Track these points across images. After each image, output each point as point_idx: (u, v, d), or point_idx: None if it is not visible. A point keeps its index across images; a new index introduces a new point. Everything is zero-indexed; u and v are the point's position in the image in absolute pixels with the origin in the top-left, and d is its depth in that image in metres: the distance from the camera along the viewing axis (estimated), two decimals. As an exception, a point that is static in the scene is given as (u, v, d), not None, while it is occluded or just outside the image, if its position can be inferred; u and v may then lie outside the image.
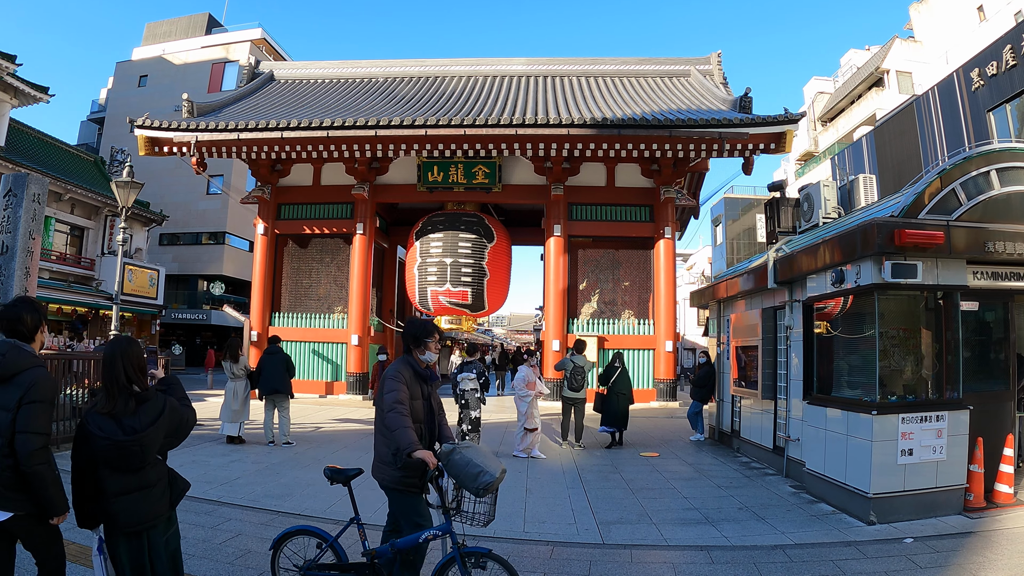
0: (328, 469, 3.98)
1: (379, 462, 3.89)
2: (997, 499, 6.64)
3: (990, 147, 6.77)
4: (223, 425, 10.28)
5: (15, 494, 2.92)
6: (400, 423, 3.66)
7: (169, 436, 3.13)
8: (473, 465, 3.57)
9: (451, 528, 3.63)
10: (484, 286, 17.38)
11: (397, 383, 3.82)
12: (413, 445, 3.58)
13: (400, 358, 4.05)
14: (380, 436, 3.90)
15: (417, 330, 4.05)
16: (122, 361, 3.02)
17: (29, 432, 2.89)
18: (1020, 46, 15.67)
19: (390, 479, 3.80)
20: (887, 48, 33.09)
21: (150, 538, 3.05)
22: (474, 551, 3.63)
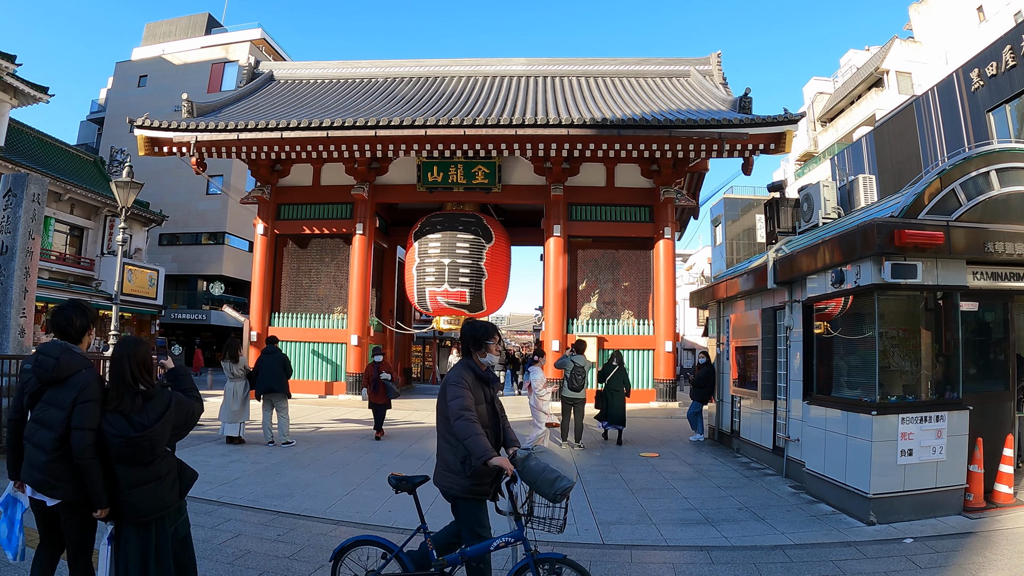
0: (393, 477, 3.81)
1: (444, 470, 3.76)
2: (997, 499, 6.65)
3: (990, 147, 6.77)
4: (223, 426, 10.28)
5: (63, 483, 3.19)
6: (471, 430, 3.55)
7: (177, 428, 3.33)
8: (550, 471, 3.54)
9: (524, 534, 3.56)
10: (482, 286, 17.37)
11: (461, 388, 3.70)
12: (488, 453, 3.48)
13: (460, 362, 3.94)
14: (445, 444, 3.79)
15: (478, 332, 3.94)
16: (128, 361, 3.19)
17: (84, 429, 3.13)
18: (1020, 46, 15.67)
19: (458, 487, 3.68)
20: (887, 48, 33.11)
21: (158, 527, 3.21)
22: (548, 557, 3.57)
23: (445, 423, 3.78)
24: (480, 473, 3.62)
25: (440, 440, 3.86)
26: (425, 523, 3.76)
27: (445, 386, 3.79)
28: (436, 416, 3.94)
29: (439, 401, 3.86)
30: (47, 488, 3.21)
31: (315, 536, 5.67)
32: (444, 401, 3.76)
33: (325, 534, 5.75)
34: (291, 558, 5.04)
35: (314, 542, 5.49)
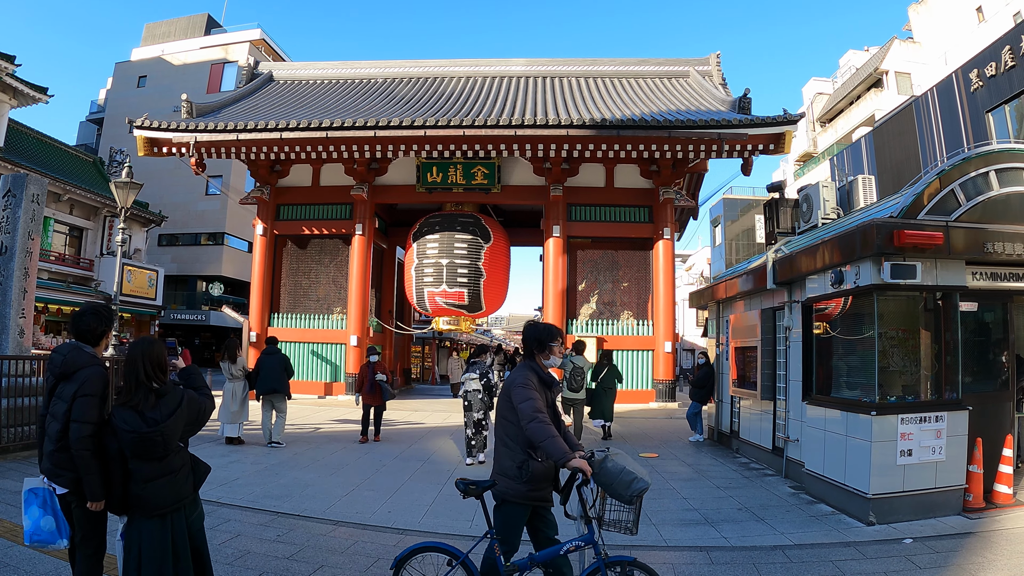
0: (460, 482, 3.68)
1: (501, 474, 3.70)
2: (996, 499, 6.65)
3: (989, 148, 6.77)
4: (222, 426, 10.27)
5: (65, 471, 3.40)
6: (547, 432, 3.47)
7: (189, 425, 3.46)
8: (627, 472, 3.52)
9: (595, 538, 3.53)
10: (481, 287, 17.36)
11: (529, 390, 3.62)
12: (567, 454, 3.42)
13: (523, 363, 3.86)
14: (503, 447, 3.73)
15: (542, 334, 3.86)
16: (142, 360, 3.31)
17: (81, 422, 3.32)
18: (1019, 47, 15.68)
19: (514, 492, 3.63)
20: (886, 49, 33.12)
21: (174, 520, 3.35)
22: (618, 560, 3.53)
23: (507, 426, 3.72)
24: (536, 478, 3.60)
25: (499, 444, 3.80)
26: (492, 528, 3.68)
27: (509, 389, 3.71)
28: (496, 419, 3.89)
29: (500, 405, 3.81)
30: (53, 476, 3.43)
31: (314, 537, 5.67)
32: (509, 404, 3.69)
33: (325, 535, 5.75)
34: (290, 559, 5.04)
35: (313, 542, 5.48)
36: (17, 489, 6.46)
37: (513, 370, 3.88)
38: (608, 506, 3.65)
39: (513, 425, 3.67)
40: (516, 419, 3.64)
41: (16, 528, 5.20)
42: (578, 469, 3.40)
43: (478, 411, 9.36)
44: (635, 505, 3.58)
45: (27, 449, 8.18)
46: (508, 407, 3.70)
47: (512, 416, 3.67)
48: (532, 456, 3.63)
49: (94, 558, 3.55)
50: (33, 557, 4.61)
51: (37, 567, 4.46)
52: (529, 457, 3.62)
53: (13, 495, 6.26)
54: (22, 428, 8.25)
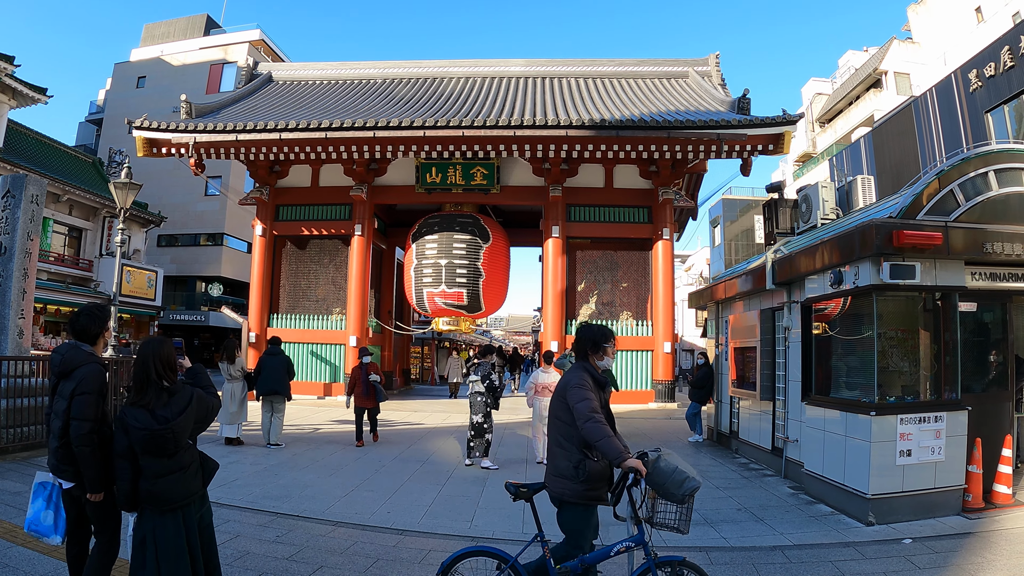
0: (511, 485, 3.69)
1: (556, 475, 3.70)
2: (996, 500, 6.65)
3: (988, 148, 6.78)
4: (221, 427, 10.26)
5: (68, 466, 3.55)
6: (603, 432, 3.48)
7: (198, 422, 3.54)
8: (679, 472, 3.53)
9: (645, 538, 3.54)
10: (480, 287, 17.35)
11: (585, 390, 3.63)
12: (623, 454, 3.44)
13: (577, 364, 3.88)
14: (558, 448, 3.73)
15: (596, 335, 3.88)
16: (153, 359, 3.39)
17: (79, 419, 3.47)
18: (1018, 47, 15.70)
19: (571, 492, 3.63)
20: (885, 49, 33.13)
21: (186, 514, 3.43)
22: (669, 560, 3.56)
23: (561, 427, 3.73)
24: (593, 478, 3.61)
25: (552, 445, 3.80)
26: (542, 531, 3.67)
27: (564, 390, 3.72)
28: (548, 420, 3.89)
29: (554, 406, 3.82)
30: (58, 471, 3.58)
31: (314, 537, 5.67)
32: (563, 405, 3.70)
33: (324, 535, 5.75)
34: (290, 559, 5.04)
35: (313, 543, 5.48)
36: (16, 490, 6.47)
37: (568, 372, 3.88)
38: (658, 506, 3.67)
39: (568, 425, 3.68)
40: (571, 419, 3.65)
41: (16, 529, 5.20)
42: (633, 469, 3.42)
43: (477, 414, 9.32)
44: (687, 504, 3.60)
45: (26, 450, 8.17)
46: (563, 408, 3.71)
47: (567, 416, 3.69)
48: (588, 456, 3.64)
49: (109, 546, 3.67)
50: (32, 558, 4.61)
51: (36, 567, 4.46)
52: (585, 457, 3.64)
53: (12, 495, 6.26)
54: (22, 429, 8.23)
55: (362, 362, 10.94)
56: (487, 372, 9.56)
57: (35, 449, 8.28)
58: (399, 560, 5.14)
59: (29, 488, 6.53)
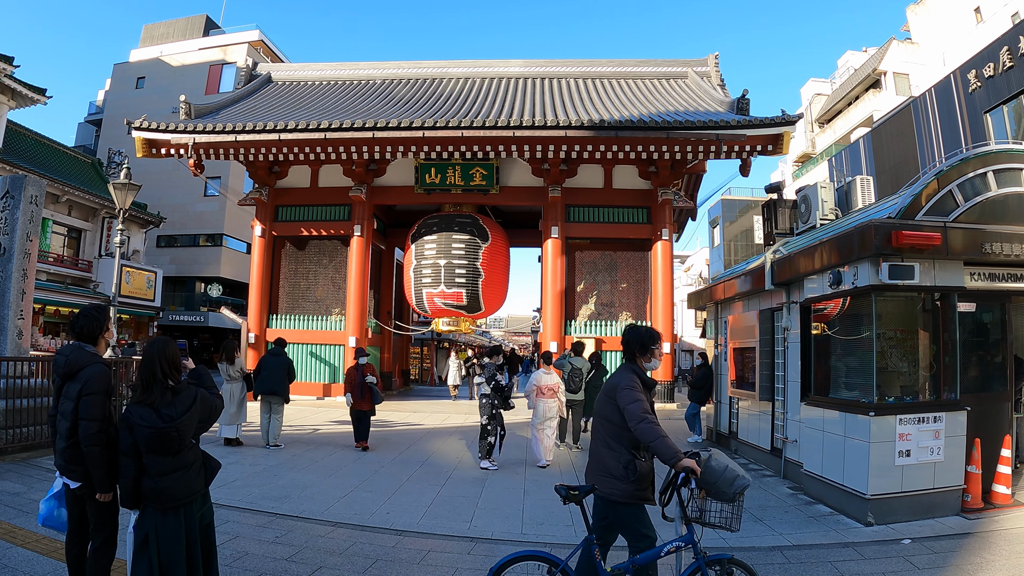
0: (562, 488, 3.66)
1: (606, 476, 3.71)
2: (995, 500, 6.66)
3: (987, 148, 6.79)
4: (220, 427, 10.24)
5: (77, 466, 3.59)
6: (656, 433, 3.51)
7: (202, 422, 3.60)
8: (730, 471, 3.57)
9: (694, 538, 3.57)
10: (479, 287, 17.34)
11: (636, 392, 3.66)
12: (678, 455, 3.47)
13: (624, 366, 3.89)
14: (606, 449, 3.75)
15: (644, 337, 3.89)
16: (159, 359, 3.44)
17: (87, 419, 3.53)
18: (1017, 48, 15.71)
19: (620, 493, 3.65)
20: (884, 50, 33.15)
21: (188, 513, 3.48)
22: (718, 558, 3.59)
23: (610, 428, 3.74)
24: (643, 478, 3.63)
25: (599, 446, 3.81)
26: (592, 533, 3.68)
27: (614, 391, 3.73)
28: (594, 422, 3.90)
29: (601, 407, 3.83)
30: (66, 471, 3.63)
31: (313, 538, 5.66)
32: (612, 406, 3.72)
33: (323, 536, 5.75)
34: (289, 560, 5.04)
35: (312, 544, 5.48)
36: (15, 491, 6.47)
37: (616, 373, 3.90)
38: (706, 505, 3.69)
39: (617, 427, 3.70)
40: (619, 420, 3.68)
41: (15, 529, 5.20)
42: (688, 469, 3.45)
43: (482, 416, 9.26)
44: (736, 503, 3.64)
45: (25, 451, 8.17)
46: (612, 409, 3.73)
47: (616, 418, 3.71)
48: (636, 456, 3.67)
49: (107, 546, 3.71)
50: (31, 558, 4.60)
51: (35, 568, 4.45)
52: (634, 457, 3.66)
53: (12, 496, 6.26)
54: (21, 430, 8.22)
55: (358, 363, 10.65)
56: (492, 373, 9.45)
57: (34, 450, 8.27)
58: (398, 561, 5.14)
59: (28, 488, 6.57)
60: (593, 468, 3.84)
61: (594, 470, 3.82)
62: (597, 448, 3.82)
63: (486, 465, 9.06)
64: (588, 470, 3.91)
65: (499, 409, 9.28)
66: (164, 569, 3.31)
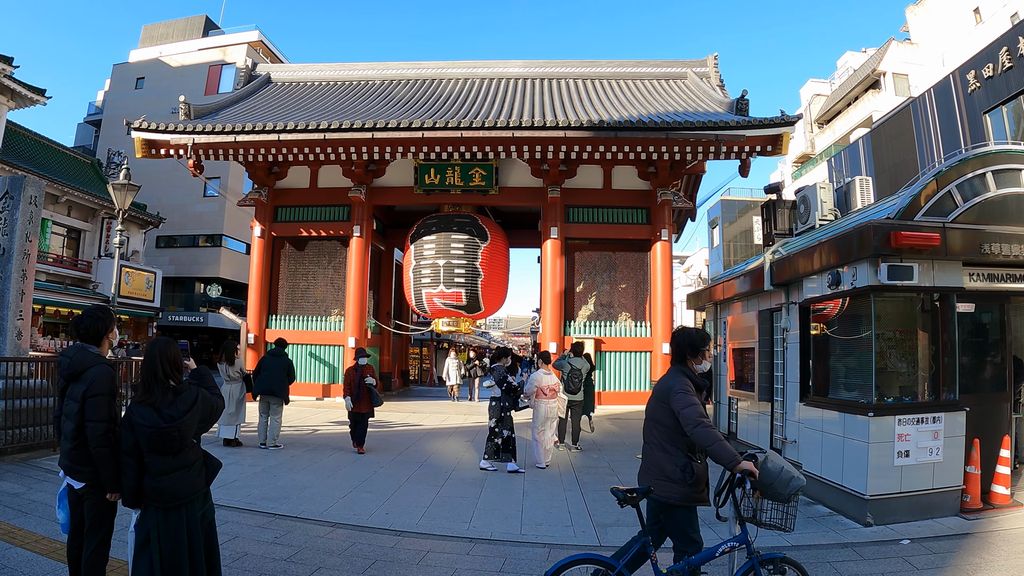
0: (620, 491, 3.66)
1: (662, 479, 3.72)
2: (994, 500, 6.65)
3: (986, 149, 6.79)
4: (219, 428, 10.23)
5: (83, 467, 3.61)
6: (714, 436, 3.52)
7: (203, 422, 3.62)
8: (786, 471, 3.60)
9: (748, 538, 3.61)
10: (479, 287, 17.34)
11: (690, 395, 3.66)
12: (736, 457, 3.50)
13: (675, 368, 3.88)
14: (662, 452, 3.76)
15: (695, 339, 3.88)
16: (160, 359, 3.47)
17: (94, 421, 3.55)
18: (1016, 48, 15.72)
19: (678, 496, 3.66)
20: (883, 50, 33.18)
21: (189, 511, 3.50)
22: (771, 557, 3.63)
23: (664, 431, 3.76)
24: (699, 480, 3.65)
25: (654, 449, 3.82)
26: (648, 535, 3.70)
27: (667, 394, 3.73)
28: (647, 425, 3.91)
29: (654, 410, 3.84)
30: (72, 472, 3.65)
31: (312, 538, 5.66)
32: (666, 410, 3.73)
33: (322, 536, 5.75)
34: (288, 560, 5.04)
35: (311, 544, 5.48)
36: (14, 491, 6.46)
37: (667, 376, 3.90)
38: (760, 505, 3.73)
39: (671, 430, 3.72)
40: (673, 424, 3.69)
41: (14, 530, 5.19)
42: (747, 472, 3.47)
43: (491, 418, 9.15)
44: (791, 503, 3.67)
45: (25, 451, 8.16)
46: (665, 412, 3.74)
47: (669, 421, 3.72)
48: (693, 458, 3.69)
49: (102, 546, 3.72)
50: (31, 559, 4.60)
51: (34, 568, 4.45)
52: (690, 460, 3.68)
53: (11, 496, 6.26)
54: (20, 430, 8.22)
55: (357, 364, 10.42)
56: (503, 376, 9.32)
57: (33, 450, 8.27)
58: (397, 561, 5.14)
59: (27, 489, 6.57)
60: (648, 471, 3.85)
61: (649, 473, 3.84)
62: (652, 451, 3.84)
63: (485, 465, 9.02)
64: (641, 473, 3.93)
65: (508, 412, 9.18)
66: (166, 568, 3.34)
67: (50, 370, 9.21)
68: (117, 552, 4.27)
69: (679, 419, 3.63)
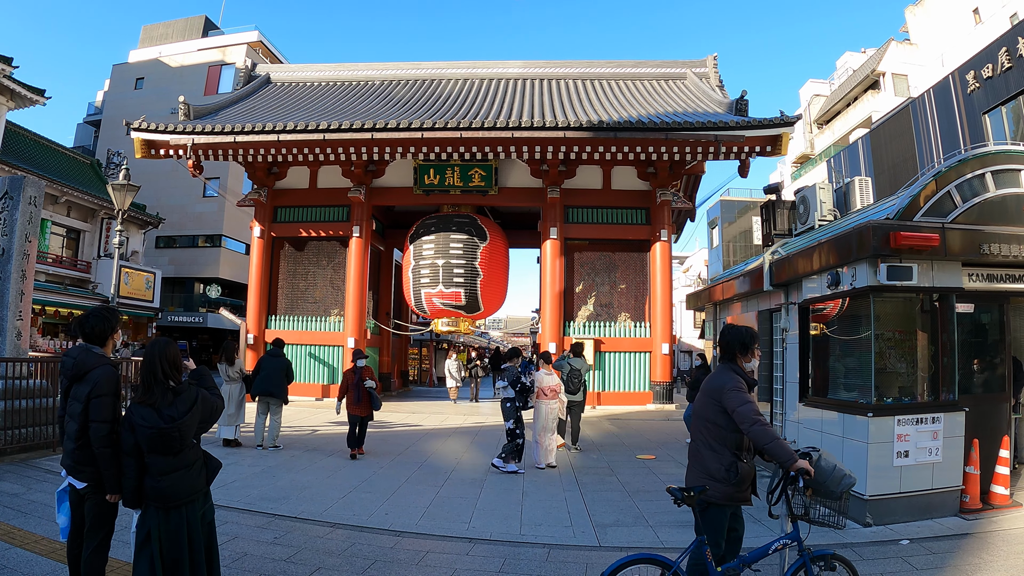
0: (676, 490, 3.67)
1: (707, 478, 3.73)
2: (993, 501, 6.65)
3: (985, 149, 6.79)
4: (219, 428, 10.22)
5: (86, 467, 3.60)
6: (771, 435, 3.54)
7: (202, 422, 3.62)
8: (839, 470, 3.64)
9: (800, 535, 3.65)
10: (478, 287, 17.33)
11: (744, 393, 3.67)
12: (793, 457, 3.52)
13: (725, 367, 3.89)
14: (709, 451, 3.77)
15: (745, 337, 3.87)
16: (160, 360, 3.47)
17: (98, 422, 3.55)
18: (1015, 48, 15.73)
19: (720, 494, 3.69)
20: (883, 51, 33.19)
21: (189, 511, 3.50)
22: (821, 554, 3.67)
23: (713, 430, 3.76)
24: (743, 480, 3.68)
25: (701, 447, 3.83)
26: (703, 535, 3.69)
27: (720, 393, 3.73)
28: (695, 423, 3.91)
29: (704, 409, 3.84)
30: (75, 472, 3.64)
31: (312, 539, 5.66)
32: (717, 408, 3.73)
33: (322, 536, 5.74)
34: (288, 560, 5.04)
35: (311, 544, 5.48)
36: (14, 491, 6.46)
37: (717, 374, 3.90)
38: (811, 503, 3.77)
39: (721, 428, 3.72)
40: (724, 423, 3.70)
41: (14, 531, 5.19)
42: (803, 471, 3.49)
43: (508, 420, 8.99)
44: (843, 501, 3.73)
45: (24, 452, 8.16)
46: (716, 411, 3.74)
47: (720, 420, 3.72)
48: (739, 458, 3.70)
49: (102, 547, 3.71)
50: (30, 559, 4.60)
51: (34, 568, 4.45)
52: (737, 459, 3.69)
53: (11, 497, 6.25)
54: (20, 431, 8.22)
55: (356, 365, 10.10)
56: (516, 376, 9.15)
57: (33, 451, 8.27)
58: (396, 561, 5.14)
59: (27, 489, 6.56)
60: (693, 470, 3.88)
61: (694, 472, 3.86)
62: (699, 450, 3.85)
63: (513, 468, 8.80)
64: (689, 472, 3.94)
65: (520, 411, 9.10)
66: (167, 567, 3.35)
67: (50, 370, 9.21)
68: (117, 553, 4.26)
69: (734, 417, 3.63)
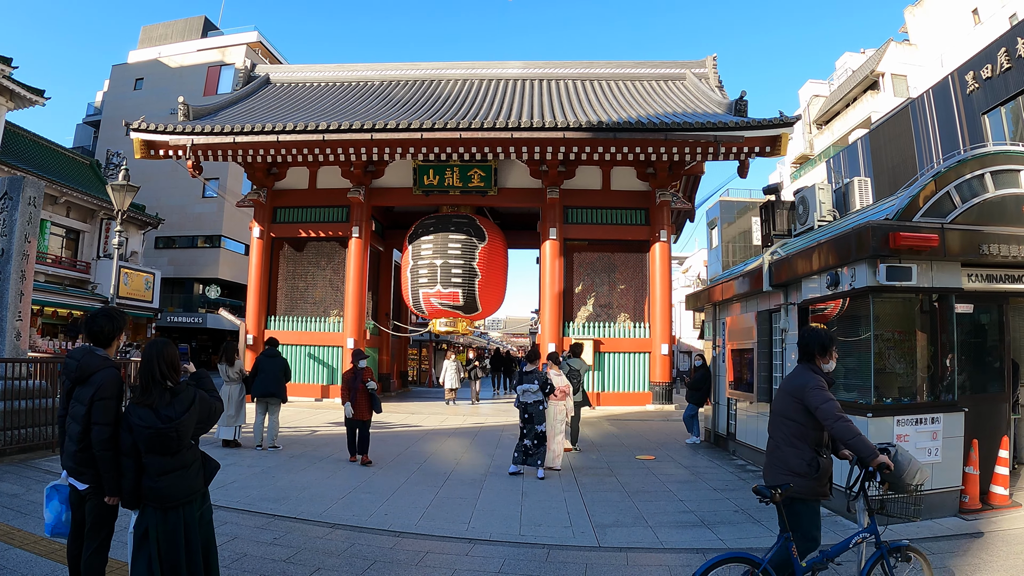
0: (764, 488, 3.71)
1: (788, 474, 3.81)
2: (993, 501, 6.66)
3: (985, 150, 6.79)
4: (219, 429, 10.22)
5: (88, 469, 3.60)
6: (853, 431, 3.63)
7: (201, 423, 3.62)
8: (914, 463, 3.75)
9: (877, 528, 3.80)
10: (476, 287, 17.32)
11: (825, 391, 3.77)
12: (875, 452, 3.63)
13: (805, 366, 3.98)
14: (789, 448, 3.86)
15: (824, 339, 3.96)
16: (157, 361, 3.47)
17: (101, 424, 3.53)
18: (1015, 49, 15.74)
19: (805, 489, 3.76)
20: (882, 51, 33.22)
21: (187, 511, 3.50)
22: (897, 546, 3.82)
23: (793, 427, 3.85)
24: (825, 475, 3.77)
25: (781, 444, 3.91)
26: (789, 531, 3.75)
27: (802, 391, 3.82)
28: (773, 420, 4.00)
29: (783, 406, 3.93)
30: (76, 474, 3.63)
31: (311, 539, 5.66)
32: (798, 406, 3.83)
33: (321, 537, 5.74)
34: (287, 561, 5.03)
35: (310, 545, 5.48)
36: (13, 492, 6.45)
37: (797, 374, 3.99)
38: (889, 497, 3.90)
39: (802, 425, 3.83)
40: (805, 420, 3.81)
41: (13, 531, 5.19)
42: (884, 465, 3.61)
43: (540, 423, 8.72)
44: (915, 495, 3.87)
45: (23, 452, 8.16)
46: (796, 408, 3.84)
47: (800, 417, 3.83)
48: (819, 453, 3.81)
49: (102, 548, 3.71)
50: (29, 560, 4.60)
51: (34, 569, 4.45)
52: (817, 454, 3.80)
53: (10, 497, 6.25)
54: (19, 431, 8.22)
55: (356, 367, 9.72)
56: (544, 379, 8.87)
57: (32, 451, 8.26)
58: (396, 562, 5.14)
59: (26, 490, 6.56)
60: (773, 467, 3.96)
61: (774, 469, 3.94)
62: (778, 447, 3.94)
63: (515, 469, 8.70)
64: (767, 469, 4.02)
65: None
66: (164, 567, 3.35)
67: (49, 371, 9.21)
68: (116, 553, 4.26)
69: (816, 414, 3.73)
